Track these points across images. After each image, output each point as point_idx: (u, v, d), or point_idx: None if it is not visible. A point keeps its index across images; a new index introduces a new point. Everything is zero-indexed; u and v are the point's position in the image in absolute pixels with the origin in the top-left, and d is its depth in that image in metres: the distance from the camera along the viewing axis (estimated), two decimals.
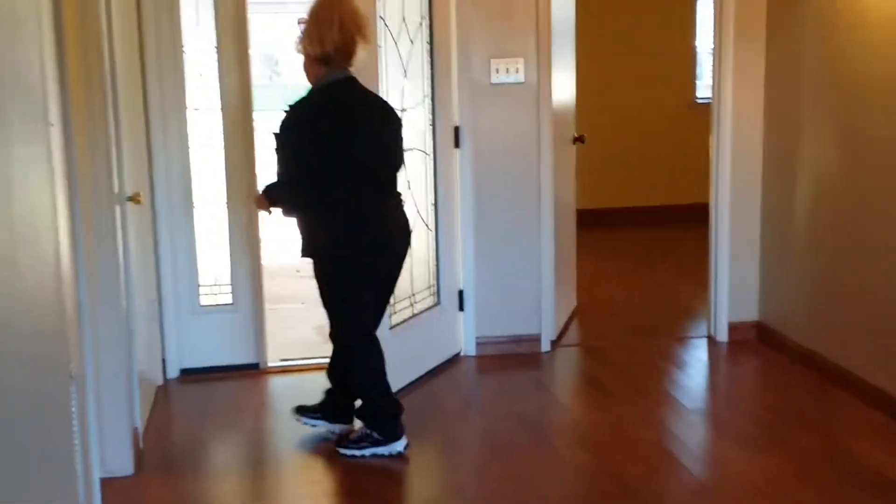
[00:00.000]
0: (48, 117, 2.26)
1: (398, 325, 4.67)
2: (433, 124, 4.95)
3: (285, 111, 3.78)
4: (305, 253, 3.92)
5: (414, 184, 4.77)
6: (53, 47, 2.56)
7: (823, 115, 4.73)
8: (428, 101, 4.93)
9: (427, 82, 4.93)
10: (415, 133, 4.80)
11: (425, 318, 4.93)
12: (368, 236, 3.86)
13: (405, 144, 4.14)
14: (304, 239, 3.90)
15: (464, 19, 4.99)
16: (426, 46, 4.91)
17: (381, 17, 4.51)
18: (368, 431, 4.01)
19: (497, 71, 5.06)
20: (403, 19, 4.74)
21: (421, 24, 4.86)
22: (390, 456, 3.98)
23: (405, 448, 4.00)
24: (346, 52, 3.79)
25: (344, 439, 4.07)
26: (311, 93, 3.85)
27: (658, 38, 8.56)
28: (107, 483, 3.54)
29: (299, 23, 3.96)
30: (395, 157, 3.98)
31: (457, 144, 5.08)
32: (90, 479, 3.09)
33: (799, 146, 4.92)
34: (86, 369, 3.20)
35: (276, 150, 3.79)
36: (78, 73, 3.33)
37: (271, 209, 3.94)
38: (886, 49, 4.16)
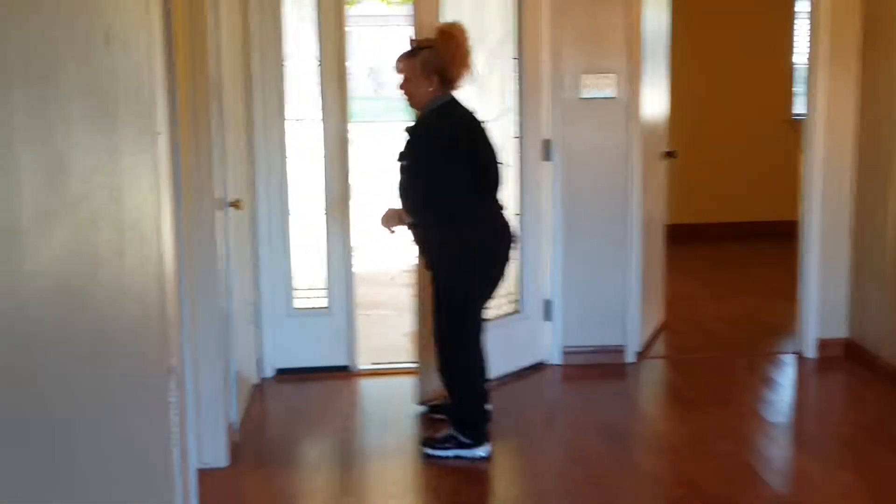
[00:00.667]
0: (156, 127, 2.45)
1: None
2: (520, 137, 5.07)
3: (411, 133, 4.08)
4: (433, 264, 4.19)
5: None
6: (163, 61, 2.75)
7: None
8: (512, 114, 5.07)
9: (510, 96, 5.07)
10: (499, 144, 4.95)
11: (502, 324, 5.03)
12: (493, 247, 4.13)
13: None
14: (433, 251, 4.17)
15: (556, 35, 5.10)
16: (513, 62, 5.04)
17: None
18: (455, 434, 4.14)
19: (587, 86, 5.16)
20: (479, 38, 4.89)
21: (505, 39, 5.00)
22: (472, 460, 4.10)
23: (488, 455, 4.12)
24: (459, 79, 4.10)
25: (430, 439, 4.21)
26: (432, 114, 4.09)
27: (755, 53, 8.52)
28: (203, 474, 3.73)
29: (412, 41, 4.17)
30: (498, 168, 4.22)
31: (547, 157, 5.19)
32: (187, 468, 3.28)
33: (891, 163, 4.90)
34: (184, 364, 3.39)
35: (410, 169, 4.05)
36: (186, 84, 3.55)
37: (397, 228, 4.20)
38: None
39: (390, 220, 4.21)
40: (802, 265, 5.43)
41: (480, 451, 4.12)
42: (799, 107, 8.63)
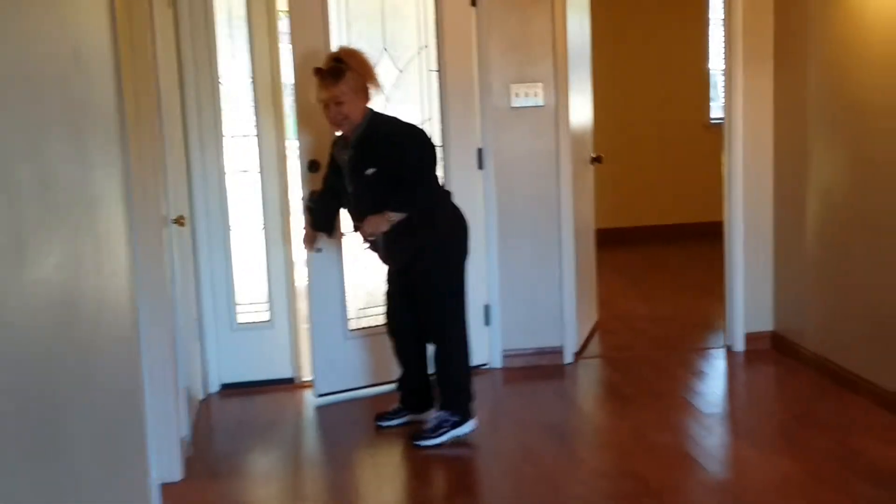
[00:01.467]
0: (117, 142, 2.51)
1: None
2: (443, 145, 5.22)
3: (396, 136, 4.29)
4: (423, 264, 4.36)
5: None
6: (113, 78, 2.80)
7: (830, 135, 4.95)
8: (430, 125, 5.21)
9: (428, 106, 5.22)
10: None
11: None
12: (467, 236, 4.46)
13: None
14: (424, 250, 4.34)
15: (484, 46, 5.24)
16: (431, 74, 5.21)
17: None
18: (446, 417, 4.39)
19: (517, 95, 5.31)
20: (385, 49, 5.07)
21: (419, 52, 5.17)
22: (465, 435, 4.40)
23: (475, 427, 4.46)
24: (374, 92, 4.38)
25: (419, 434, 4.40)
26: (383, 121, 4.35)
27: (672, 60, 8.81)
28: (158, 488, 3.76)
29: (316, 73, 4.27)
30: None
31: (480, 166, 5.33)
32: (148, 483, 3.32)
33: (808, 162, 5.14)
34: (144, 380, 3.43)
35: (414, 165, 4.25)
36: (131, 102, 3.59)
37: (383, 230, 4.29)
38: (889, 72, 4.38)
39: (379, 224, 4.25)
40: (728, 263, 5.65)
41: (472, 424, 4.43)
42: (716, 111, 8.93)
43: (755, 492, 3.81)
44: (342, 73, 4.20)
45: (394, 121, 4.38)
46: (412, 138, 4.30)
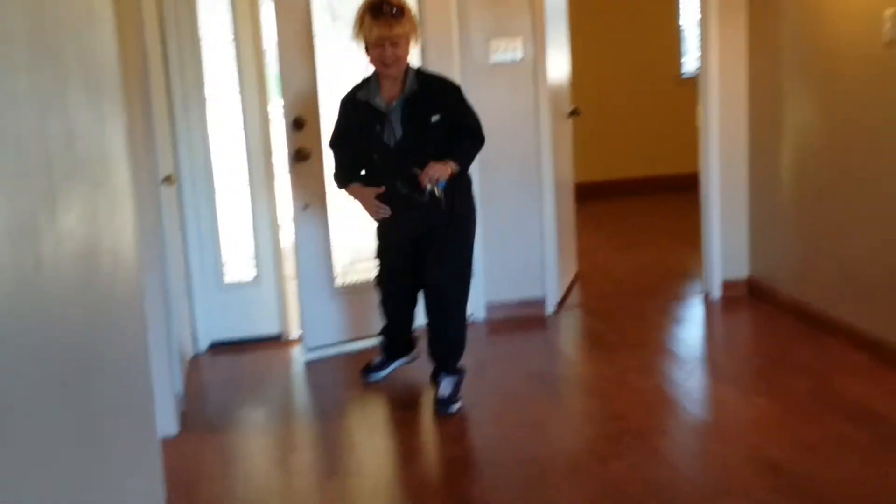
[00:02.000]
0: (119, 100, 2.57)
1: None
2: None
3: (454, 90, 4.27)
4: (458, 217, 4.27)
5: None
6: (115, 39, 2.85)
7: (803, 84, 5.06)
8: None
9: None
10: None
11: None
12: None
13: None
14: (462, 203, 4.27)
15: (462, 2, 5.30)
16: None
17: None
18: (457, 380, 4.41)
19: (496, 50, 5.38)
20: None
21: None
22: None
23: None
24: None
25: (443, 403, 4.32)
26: (434, 73, 4.35)
27: (645, 15, 8.89)
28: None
29: (373, 8, 4.05)
30: None
31: None
32: (155, 435, 3.40)
33: (781, 113, 5.25)
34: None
35: (473, 120, 4.24)
36: (122, 60, 3.64)
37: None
38: (859, 20, 4.49)
39: (444, 170, 4.08)
40: (704, 213, 5.77)
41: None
42: (687, 66, 9.04)
43: (735, 430, 3.95)
44: (404, 13, 4.04)
45: (442, 76, 4.36)
46: (464, 95, 4.29)
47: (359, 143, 4.28)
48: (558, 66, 5.87)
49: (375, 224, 4.51)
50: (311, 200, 4.96)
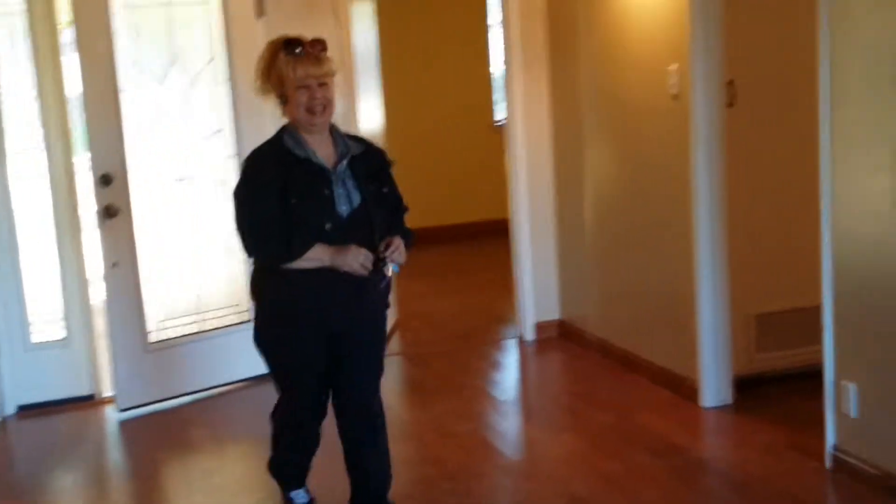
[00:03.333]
0: None
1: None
2: (236, 156, 5.28)
3: (379, 158, 3.49)
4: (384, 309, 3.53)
5: (211, 212, 5.22)
6: None
7: (600, 132, 5.33)
8: (225, 133, 5.29)
9: (220, 117, 5.29)
10: (210, 165, 5.28)
11: (227, 334, 5.30)
12: None
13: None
14: (384, 294, 3.49)
15: None
16: (222, 85, 5.28)
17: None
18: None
19: None
20: (174, 61, 5.13)
21: (209, 64, 5.24)
22: None
23: None
24: None
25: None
26: (352, 136, 3.55)
27: (458, 64, 9.14)
28: None
29: (296, 44, 3.33)
30: None
31: None
32: None
33: (583, 160, 5.51)
34: None
35: (390, 196, 3.48)
36: None
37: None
38: (647, 72, 4.78)
39: (403, 253, 3.38)
40: (515, 258, 5.97)
41: None
42: (499, 113, 9.32)
43: (545, 468, 4.10)
44: (326, 48, 3.35)
45: (366, 138, 3.65)
46: (388, 162, 3.53)
47: (298, 210, 3.20)
48: (371, 116, 5.98)
49: (266, 326, 3.43)
50: (120, 257, 4.87)
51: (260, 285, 3.40)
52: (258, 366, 5.33)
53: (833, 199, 3.67)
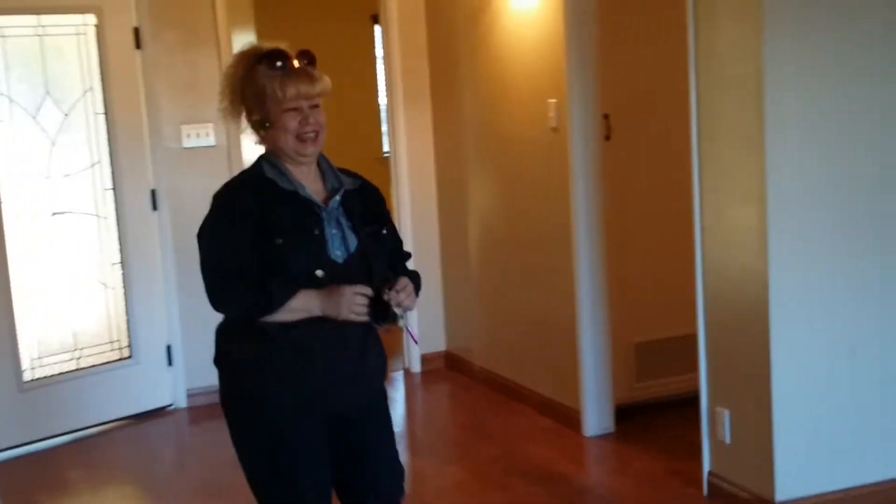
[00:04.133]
0: None
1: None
2: (114, 188, 5.22)
3: (371, 192, 2.89)
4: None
5: (88, 247, 5.16)
6: None
7: (482, 165, 5.39)
8: (99, 167, 5.20)
9: (97, 149, 5.19)
10: (86, 199, 5.18)
11: (110, 371, 5.22)
12: None
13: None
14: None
15: (151, 89, 5.27)
16: (98, 116, 5.19)
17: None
18: None
19: (188, 136, 5.38)
20: (47, 92, 5.02)
21: (85, 95, 5.14)
22: None
23: None
24: None
25: None
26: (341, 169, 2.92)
27: (347, 96, 9.10)
28: None
29: (285, 57, 2.81)
30: None
31: (154, 207, 5.33)
32: None
33: (466, 193, 5.56)
34: None
35: (389, 233, 2.85)
36: None
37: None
38: (527, 105, 4.85)
39: (412, 296, 2.74)
40: None
41: None
42: (387, 145, 9.34)
43: (429, 501, 4.10)
44: (316, 63, 2.84)
45: (356, 172, 2.95)
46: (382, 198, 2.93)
47: (284, 252, 2.59)
48: (256, 148, 5.92)
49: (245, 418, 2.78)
50: None
51: (228, 348, 2.72)
52: (138, 403, 5.34)
53: (703, 229, 3.77)
